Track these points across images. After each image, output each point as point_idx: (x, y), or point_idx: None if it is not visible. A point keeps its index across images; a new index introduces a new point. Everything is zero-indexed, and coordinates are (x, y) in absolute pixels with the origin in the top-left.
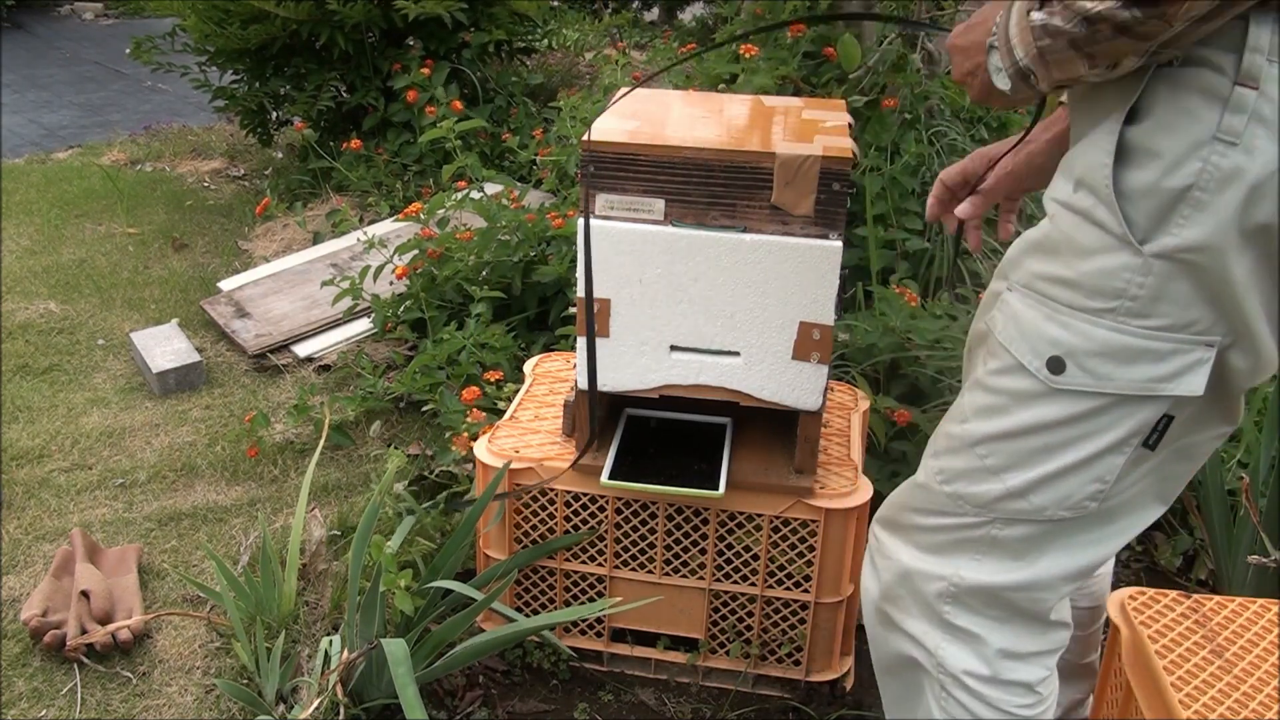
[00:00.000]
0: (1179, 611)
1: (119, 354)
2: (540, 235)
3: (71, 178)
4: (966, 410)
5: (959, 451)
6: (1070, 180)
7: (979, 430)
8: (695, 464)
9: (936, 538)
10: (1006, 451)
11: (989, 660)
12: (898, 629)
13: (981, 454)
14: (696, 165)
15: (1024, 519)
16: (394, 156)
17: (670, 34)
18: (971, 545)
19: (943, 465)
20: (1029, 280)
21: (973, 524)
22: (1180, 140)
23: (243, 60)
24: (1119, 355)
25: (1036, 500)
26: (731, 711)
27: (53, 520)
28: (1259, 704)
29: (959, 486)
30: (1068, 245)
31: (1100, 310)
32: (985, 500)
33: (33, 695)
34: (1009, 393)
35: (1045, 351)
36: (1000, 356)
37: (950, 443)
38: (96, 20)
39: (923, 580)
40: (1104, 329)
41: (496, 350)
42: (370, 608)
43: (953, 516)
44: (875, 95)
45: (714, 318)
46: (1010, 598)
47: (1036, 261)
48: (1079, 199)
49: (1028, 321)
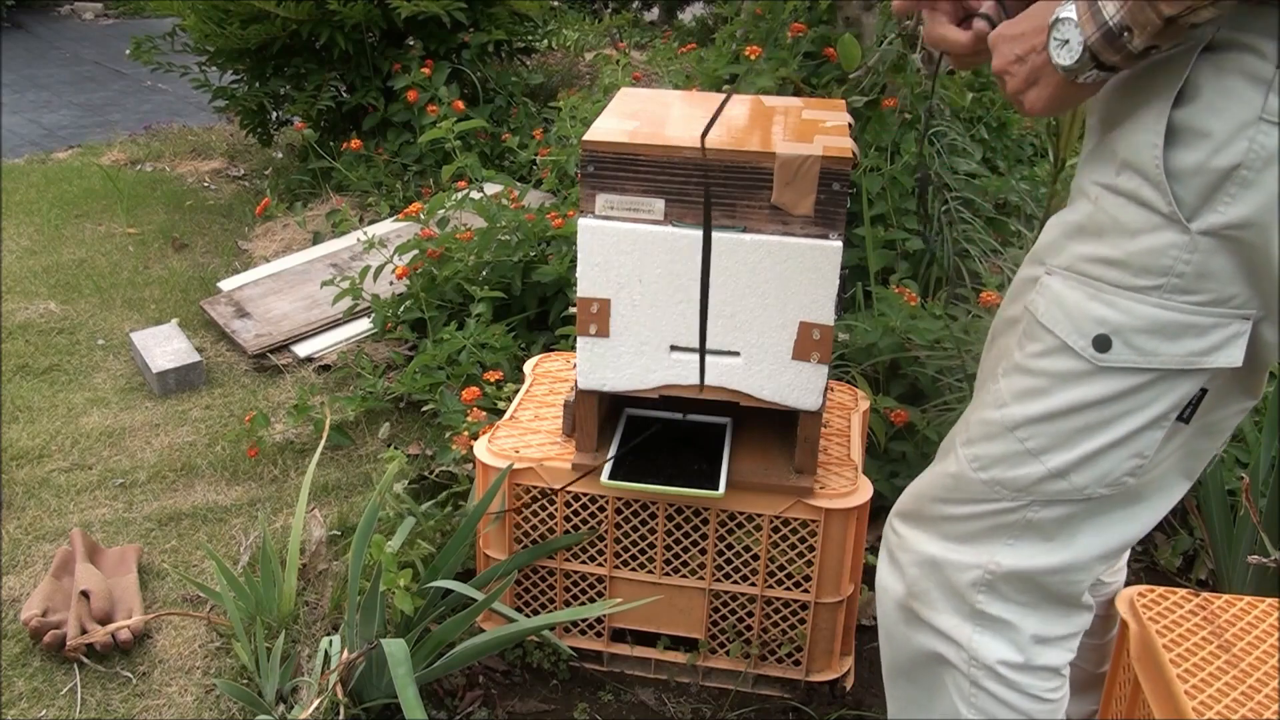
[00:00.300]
0: (1187, 609)
1: (119, 354)
2: (540, 235)
3: (71, 178)
4: (1004, 395)
5: (997, 437)
6: (1112, 164)
7: (1020, 413)
8: (695, 464)
9: (969, 526)
10: (1048, 433)
11: (1022, 647)
12: (924, 626)
13: (1022, 437)
14: (696, 165)
15: (1062, 499)
16: (394, 156)
17: (670, 34)
18: (1006, 530)
19: (978, 452)
20: (1072, 263)
21: (1008, 509)
22: (1228, 121)
23: (243, 60)
24: (1164, 331)
25: (1077, 480)
26: (731, 711)
27: (53, 520)
28: (1263, 699)
29: (997, 472)
30: (1113, 227)
31: (1147, 288)
32: (1025, 484)
33: (33, 695)
34: (1051, 374)
35: (1091, 330)
36: (1041, 339)
37: (987, 429)
38: (96, 20)
39: (955, 570)
40: (1150, 305)
41: (496, 350)
42: (370, 608)
43: (988, 503)
44: (875, 95)
45: (714, 318)
46: (1046, 581)
47: (1079, 244)
48: (1123, 181)
49: (1072, 302)
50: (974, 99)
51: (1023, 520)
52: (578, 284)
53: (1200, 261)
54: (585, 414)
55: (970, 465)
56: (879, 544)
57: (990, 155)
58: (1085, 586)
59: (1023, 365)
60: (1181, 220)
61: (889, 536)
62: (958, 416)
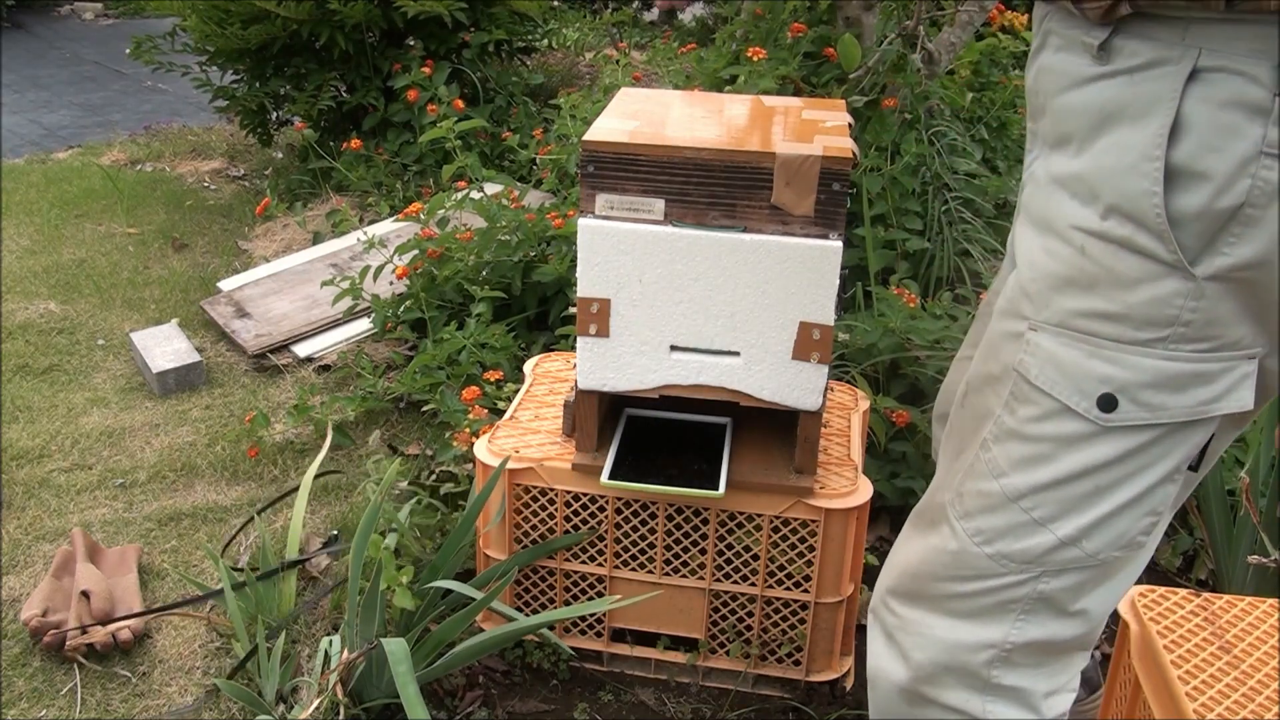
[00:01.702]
0: (1188, 610)
1: (119, 354)
2: (540, 235)
3: (71, 178)
4: (1001, 463)
5: (999, 509)
6: (1093, 206)
7: (1022, 483)
8: (695, 464)
9: (977, 603)
10: (1055, 500)
11: (1037, 707)
12: (933, 705)
13: (1027, 507)
14: (696, 165)
15: (1075, 567)
16: (394, 156)
17: (670, 34)
18: (1018, 605)
19: (980, 525)
20: (1063, 319)
21: (1017, 582)
22: (1228, 160)
23: (243, 60)
24: (1172, 383)
25: (1090, 546)
26: (731, 711)
27: (53, 520)
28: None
29: (1002, 545)
30: (1107, 278)
31: (1151, 340)
32: (1034, 555)
33: (33, 695)
34: (1053, 439)
35: (1094, 390)
36: (1037, 402)
37: (986, 500)
38: (96, 20)
39: (968, 652)
40: (1156, 359)
41: (496, 350)
42: (370, 607)
43: (994, 579)
44: (875, 95)
45: (714, 318)
46: (1063, 647)
47: (1069, 298)
48: (1112, 227)
49: (1069, 362)
50: (974, 99)
51: (1033, 593)
52: (578, 284)
53: (1207, 308)
54: (585, 414)
55: (973, 540)
56: (879, 544)
57: (990, 155)
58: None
59: (1018, 431)
60: (1185, 267)
61: (885, 618)
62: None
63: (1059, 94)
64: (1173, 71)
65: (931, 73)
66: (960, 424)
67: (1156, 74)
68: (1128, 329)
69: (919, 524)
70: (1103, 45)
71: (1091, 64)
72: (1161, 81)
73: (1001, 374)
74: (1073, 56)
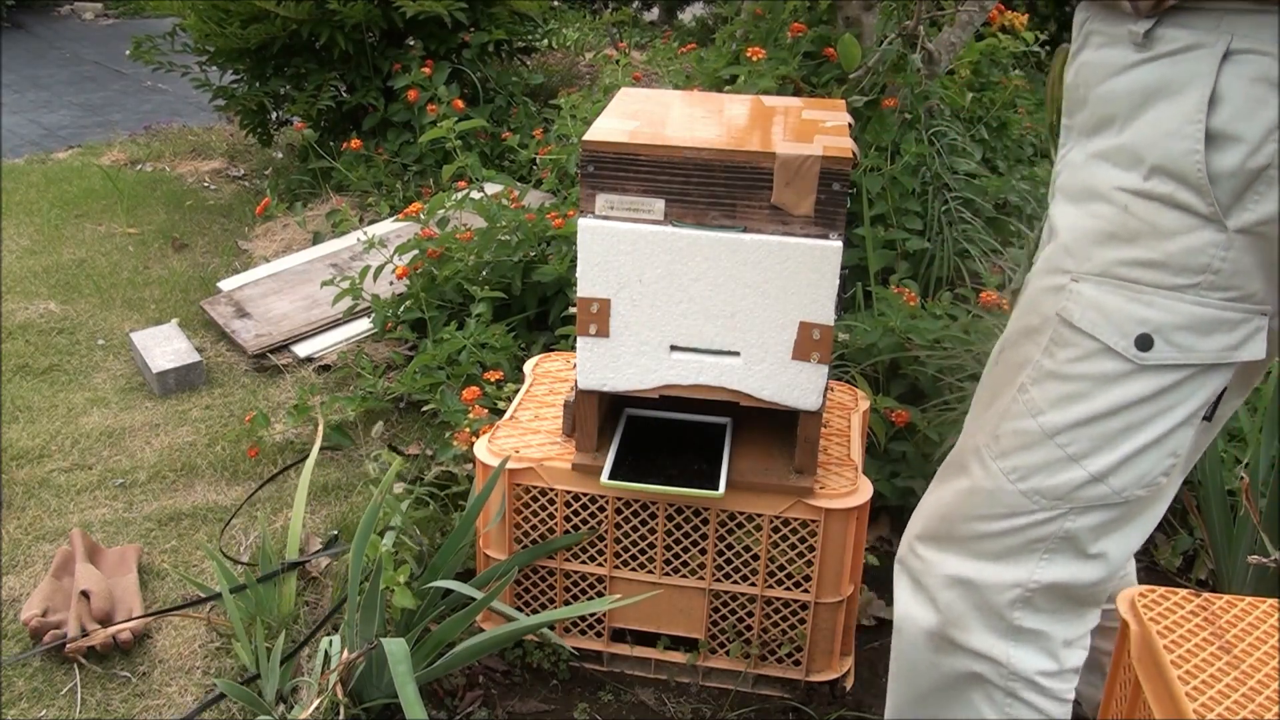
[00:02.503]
0: (1188, 609)
1: (119, 354)
2: (540, 235)
3: (71, 178)
4: (1039, 403)
5: (1035, 446)
6: (1140, 170)
7: (1059, 419)
8: (695, 464)
9: (1005, 542)
10: (1089, 436)
11: (1056, 654)
12: (959, 650)
13: (1063, 443)
14: (696, 165)
15: (1099, 504)
16: (394, 156)
17: (670, 34)
18: (1042, 544)
19: (1016, 463)
20: (1106, 268)
21: (1045, 519)
22: (1258, 125)
23: (243, 60)
24: (1200, 327)
25: (1116, 482)
26: (731, 711)
27: (53, 520)
28: (1265, 700)
29: (1036, 481)
30: (1148, 230)
31: (1184, 286)
32: (1064, 491)
33: (33, 695)
34: (1091, 377)
35: (1133, 331)
36: (1078, 344)
37: (1023, 439)
38: (96, 20)
39: (993, 591)
40: (1188, 303)
41: (496, 350)
42: (370, 607)
43: (1024, 516)
44: (875, 95)
45: (714, 318)
46: (1079, 592)
47: (1111, 250)
48: (1155, 186)
49: (1110, 306)
50: (974, 99)
51: (1059, 531)
52: (578, 284)
53: (1234, 259)
54: (585, 414)
55: (1008, 478)
56: (879, 544)
57: (990, 155)
58: (1110, 588)
59: (1057, 372)
60: (1220, 219)
61: (910, 562)
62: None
63: (1101, 83)
64: (1208, 53)
65: (931, 73)
66: (992, 380)
67: (1194, 56)
68: (1165, 275)
69: (946, 474)
70: (1147, 34)
71: (1133, 52)
72: (1199, 62)
73: (1041, 324)
74: (1115, 50)
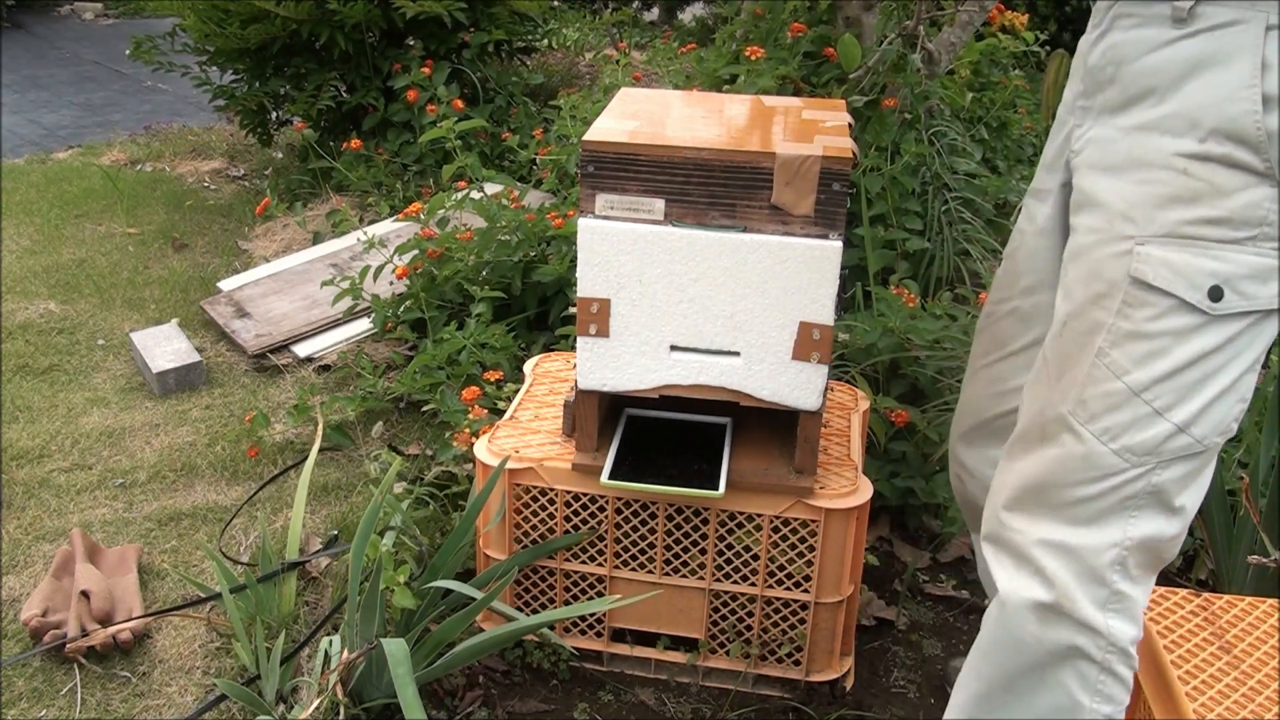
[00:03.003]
0: (1188, 609)
1: (119, 354)
2: (540, 235)
3: (71, 178)
4: (1124, 363)
5: (1123, 405)
6: (1196, 134)
7: (1145, 376)
8: (695, 464)
9: (1099, 504)
10: (1172, 389)
11: (1138, 619)
12: (1065, 620)
13: (1149, 398)
14: (696, 165)
15: (1182, 455)
16: (394, 156)
17: (670, 34)
18: (1132, 501)
19: (1107, 424)
20: (1171, 228)
21: (1135, 476)
22: None
23: (243, 60)
24: (1261, 275)
25: (1197, 431)
26: (731, 711)
27: (53, 520)
28: (1265, 700)
29: (1126, 439)
30: (1209, 190)
31: (1245, 239)
32: (1153, 445)
33: (33, 695)
34: (1170, 333)
35: (1205, 283)
36: (1153, 303)
37: (1111, 400)
38: (96, 20)
39: (1094, 555)
40: (1249, 254)
41: (496, 350)
42: (370, 607)
43: (1117, 475)
44: (875, 95)
45: (714, 318)
46: (1163, 548)
47: (1174, 211)
48: (1212, 148)
49: (1180, 263)
50: (974, 99)
51: (1147, 486)
52: (578, 284)
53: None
54: (585, 414)
55: (1100, 439)
56: (879, 544)
57: (990, 155)
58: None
59: (1137, 331)
60: (1276, 175)
61: (1011, 537)
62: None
63: (1137, 60)
64: (1250, 28)
65: (931, 73)
66: (1058, 352)
67: (1237, 30)
68: (1228, 230)
69: (1026, 444)
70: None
71: (1171, 29)
72: (1244, 34)
73: (1108, 290)
74: (1150, 29)
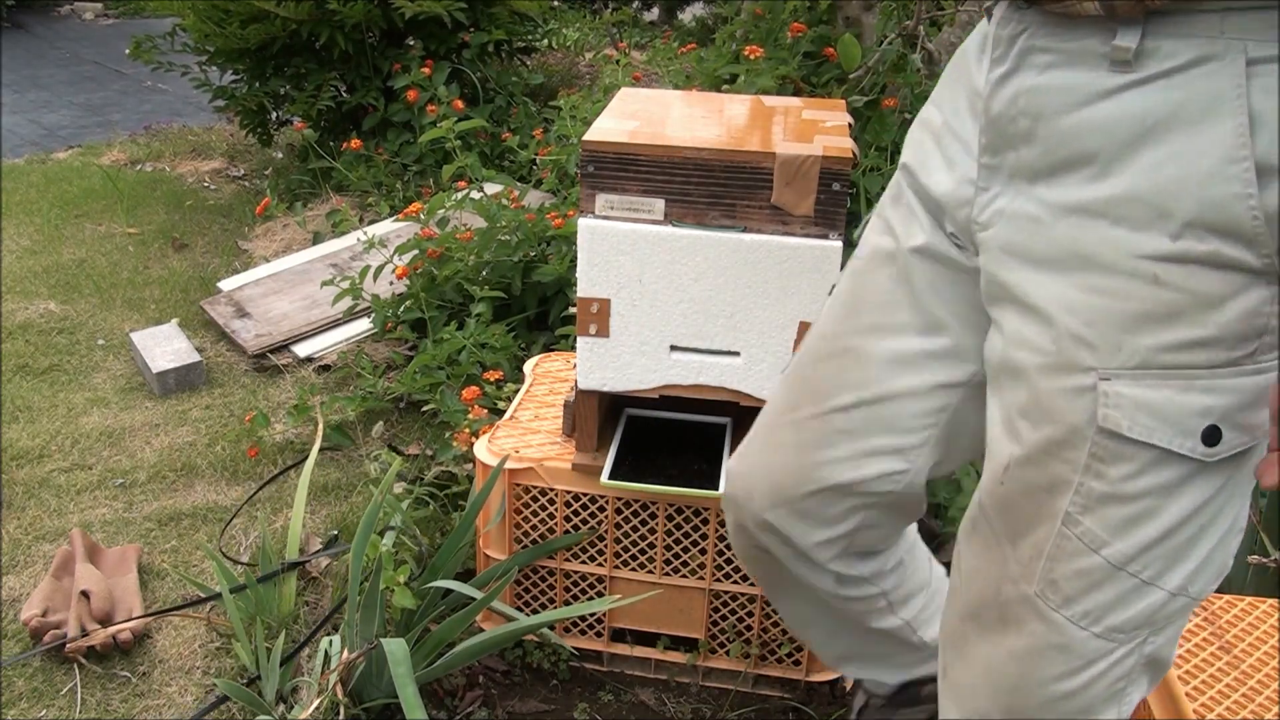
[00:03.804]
0: None
1: (119, 354)
2: (540, 235)
3: (71, 178)
4: (1100, 534)
5: (1105, 582)
6: (1166, 228)
7: (1129, 547)
8: (695, 464)
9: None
10: (1163, 555)
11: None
12: None
13: (1136, 570)
14: (696, 165)
15: (1179, 614)
16: (394, 156)
17: (670, 34)
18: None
19: (1086, 607)
20: (1145, 359)
21: (1126, 654)
22: None
23: (243, 60)
24: (1259, 397)
25: (1195, 588)
26: (731, 711)
27: (53, 520)
28: (1264, 700)
29: (1111, 619)
30: (1191, 303)
31: (1243, 357)
32: (1144, 618)
33: (33, 695)
34: (1155, 490)
35: (1196, 426)
36: (1132, 457)
37: (1088, 579)
38: (96, 20)
39: None
40: (1250, 375)
41: (496, 350)
42: (370, 607)
43: (1104, 659)
44: (875, 95)
45: (714, 318)
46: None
47: (1148, 335)
48: (1191, 245)
49: (1162, 403)
50: None
51: (1140, 659)
52: (578, 284)
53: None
54: (585, 414)
55: (1080, 624)
56: None
57: None
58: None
59: (1114, 493)
60: (1275, 270)
61: None
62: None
63: (1064, 115)
64: (1223, 67)
65: (931, 73)
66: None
67: (1204, 72)
68: (1220, 351)
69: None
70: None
71: (1111, 74)
72: (1215, 79)
73: (1068, 437)
74: (1079, 72)
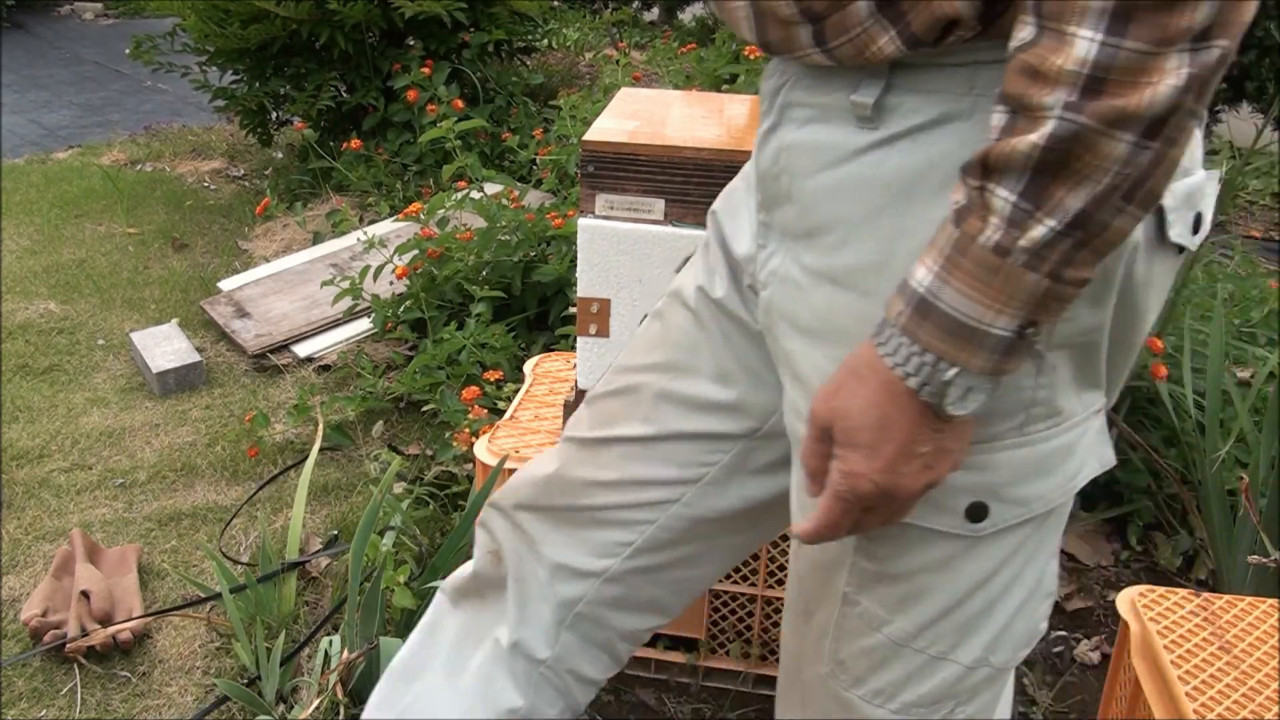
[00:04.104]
0: (1188, 609)
1: (119, 354)
2: (540, 235)
3: (71, 178)
4: (878, 612)
5: (891, 660)
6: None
7: (909, 625)
8: None
9: None
10: (950, 629)
11: None
12: None
13: (922, 646)
14: (696, 165)
15: (986, 684)
16: (394, 156)
17: (670, 34)
18: None
19: (876, 687)
20: None
21: None
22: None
23: (243, 60)
24: (1037, 468)
25: (998, 658)
26: (731, 711)
27: (53, 520)
28: (1264, 700)
29: (906, 696)
30: None
31: (1007, 431)
32: (941, 693)
33: (33, 695)
34: (927, 568)
35: (959, 504)
36: (895, 538)
37: (873, 657)
38: (96, 20)
39: None
40: (1016, 449)
41: (496, 350)
42: (370, 607)
43: None
44: None
45: None
46: None
47: None
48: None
49: None
50: None
51: None
52: (578, 284)
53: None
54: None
55: (875, 703)
56: None
57: None
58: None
59: (883, 573)
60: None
61: None
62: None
63: (812, 175)
64: (969, 128)
65: None
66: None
67: (948, 131)
68: (980, 428)
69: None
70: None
71: (858, 132)
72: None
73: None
74: (831, 128)
